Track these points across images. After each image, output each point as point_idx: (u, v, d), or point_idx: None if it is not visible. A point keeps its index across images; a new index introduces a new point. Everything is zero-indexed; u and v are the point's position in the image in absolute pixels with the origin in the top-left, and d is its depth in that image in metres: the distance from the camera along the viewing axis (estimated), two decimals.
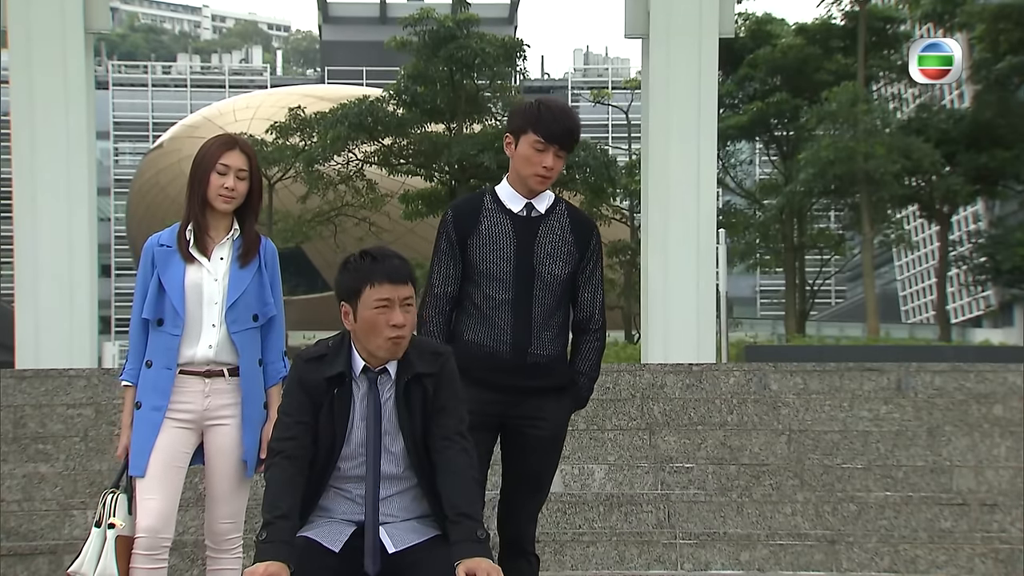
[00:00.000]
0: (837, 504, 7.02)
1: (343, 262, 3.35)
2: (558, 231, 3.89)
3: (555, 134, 3.80)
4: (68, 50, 11.77)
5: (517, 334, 3.82)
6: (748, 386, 8.51)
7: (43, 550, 6.50)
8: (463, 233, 3.87)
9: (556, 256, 3.87)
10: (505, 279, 3.83)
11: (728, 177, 33.18)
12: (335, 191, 28.96)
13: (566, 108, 3.91)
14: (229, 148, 3.94)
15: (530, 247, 3.84)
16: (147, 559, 3.77)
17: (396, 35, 28.30)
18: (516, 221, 3.87)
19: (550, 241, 3.87)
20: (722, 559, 6.71)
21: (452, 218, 3.91)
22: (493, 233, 3.85)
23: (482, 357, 3.81)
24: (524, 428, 3.89)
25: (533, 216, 3.88)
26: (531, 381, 3.85)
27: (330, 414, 3.29)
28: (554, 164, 3.82)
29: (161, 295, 3.89)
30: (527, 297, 3.83)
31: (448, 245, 3.89)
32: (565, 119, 3.83)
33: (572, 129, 3.84)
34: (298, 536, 3.20)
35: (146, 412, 3.86)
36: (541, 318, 3.85)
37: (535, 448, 3.92)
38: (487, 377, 3.80)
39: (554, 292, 3.87)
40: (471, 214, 3.89)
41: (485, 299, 3.84)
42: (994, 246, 31.86)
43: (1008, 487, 7.29)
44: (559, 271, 3.87)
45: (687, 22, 12.09)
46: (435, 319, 3.90)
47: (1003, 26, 28.43)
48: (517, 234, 3.85)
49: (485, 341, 3.83)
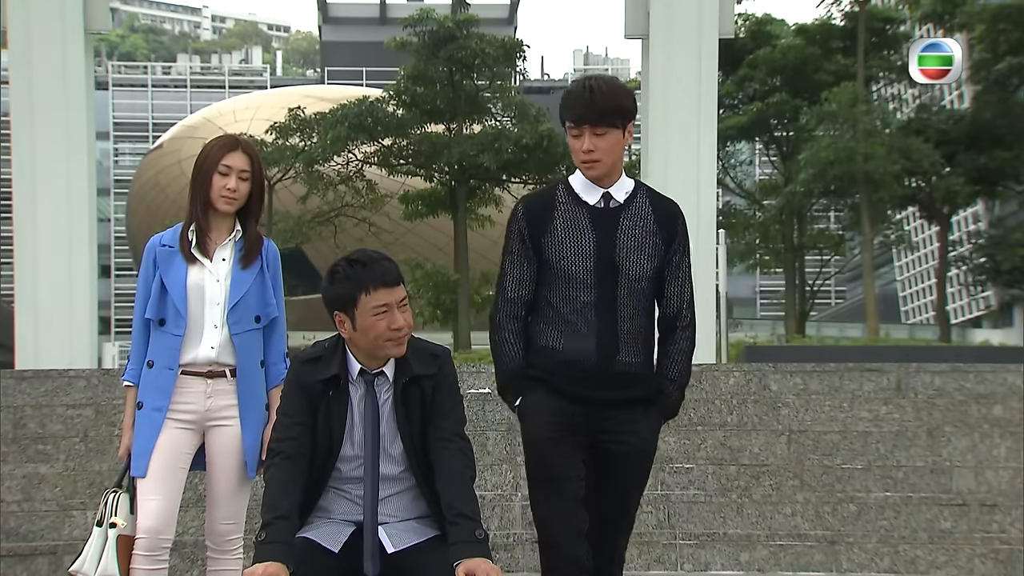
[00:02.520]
0: (837, 504, 7.03)
1: (330, 271, 3.28)
2: (641, 221, 3.52)
3: (580, 114, 3.44)
4: (68, 50, 11.78)
5: (603, 340, 3.46)
6: (748, 386, 8.51)
7: (43, 550, 6.50)
8: (536, 230, 3.52)
9: (641, 249, 3.50)
10: (587, 278, 3.47)
11: (728, 177, 33.17)
12: (335, 191, 28.96)
13: (596, 81, 3.48)
14: (231, 149, 3.93)
15: (611, 241, 3.48)
16: (147, 560, 3.77)
17: (396, 36, 28.29)
18: (594, 213, 3.51)
19: (633, 233, 3.51)
20: (722, 559, 6.71)
21: (523, 214, 3.55)
22: (570, 228, 3.49)
23: (564, 365, 3.47)
24: (610, 444, 3.52)
25: (612, 207, 3.52)
26: (618, 392, 3.48)
27: (327, 416, 3.29)
28: (595, 145, 3.44)
29: (163, 295, 3.89)
30: (612, 297, 3.47)
31: (521, 244, 3.54)
32: (592, 93, 3.44)
33: (595, 102, 3.42)
34: (298, 537, 3.20)
35: (147, 412, 3.86)
36: (629, 321, 3.49)
37: (621, 466, 3.54)
38: (569, 388, 3.47)
39: (641, 290, 3.51)
40: (544, 209, 3.54)
41: (565, 302, 3.49)
42: (994, 246, 31.85)
43: (1008, 487, 7.29)
44: (645, 266, 3.50)
45: (687, 22, 12.12)
46: (510, 325, 3.57)
47: (1003, 26, 28.43)
48: (596, 228, 3.49)
49: (567, 348, 3.48)
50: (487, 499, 6.90)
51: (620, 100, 3.46)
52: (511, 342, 3.57)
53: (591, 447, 3.53)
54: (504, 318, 3.59)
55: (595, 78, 3.51)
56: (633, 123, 3.54)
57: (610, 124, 3.44)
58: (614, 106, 3.44)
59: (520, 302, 3.57)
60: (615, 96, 3.45)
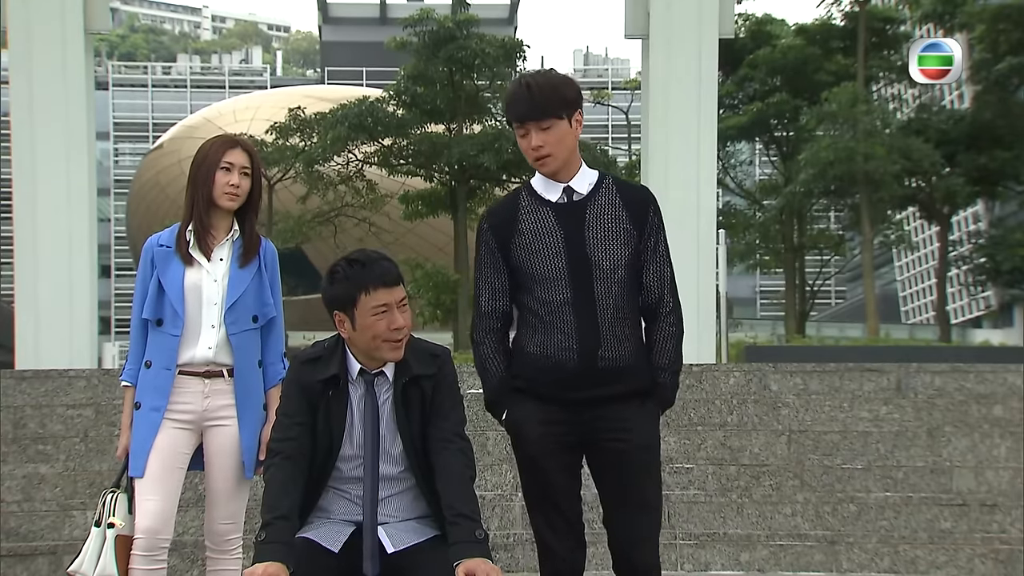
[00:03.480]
0: (837, 505, 7.02)
1: (330, 271, 3.28)
2: (609, 210, 3.41)
3: (522, 112, 3.36)
4: (68, 50, 11.79)
5: (584, 337, 3.34)
6: (748, 386, 8.50)
7: (43, 550, 6.50)
8: (503, 238, 3.43)
9: (612, 239, 3.38)
10: (560, 277, 3.36)
11: (728, 177, 33.20)
12: (335, 191, 28.99)
13: (533, 77, 3.41)
14: (232, 146, 3.94)
15: (580, 235, 3.37)
16: (145, 560, 3.77)
17: (396, 36, 28.32)
18: (558, 210, 3.41)
19: (602, 223, 3.39)
20: (722, 560, 6.71)
21: (488, 225, 3.48)
22: (536, 229, 3.40)
23: (548, 369, 3.37)
24: (608, 443, 3.40)
25: (576, 200, 3.42)
26: (604, 389, 3.37)
27: (327, 416, 3.29)
28: (543, 140, 3.35)
29: (161, 295, 3.89)
30: (588, 293, 3.35)
31: (489, 255, 3.47)
32: (529, 90, 3.36)
33: (533, 97, 3.34)
34: (297, 537, 3.20)
35: (145, 412, 3.86)
36: (609, 314, 3.36)
37: (624, 463, 3.41)
38: (555, 392, 3.38)
39: (618, 281, 3.38)
40: (508, 216, 3.46)
41: (542, 304, 3.38)
42: (994, 246, 31.87)
43: (1008, 488, 7.29)
44: (618, 255, 3.38)
45: (687, 22, 12.12)
46: (487, 339, 3.50)
47: (1003, 27, 28.45)
48: (562, 224, 3.39)
49: (550, 351, 3.37)
50: (487, 499, 6.90)
51: (560, 91, 3.37)
52: (490, 357, 3.49)
53: (589, 449, 3.44)
54: (480, 333, 3.52)
55: (531, 75, 3.44)
56: (581, 111, 3.44)
57: (553, 116, 3.35)
58: (554, 98, 3.35)
59: (495, 315, 3.49)
60: (553, 88, 3.37)
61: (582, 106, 3.45)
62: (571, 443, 3.41)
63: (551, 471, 3.43)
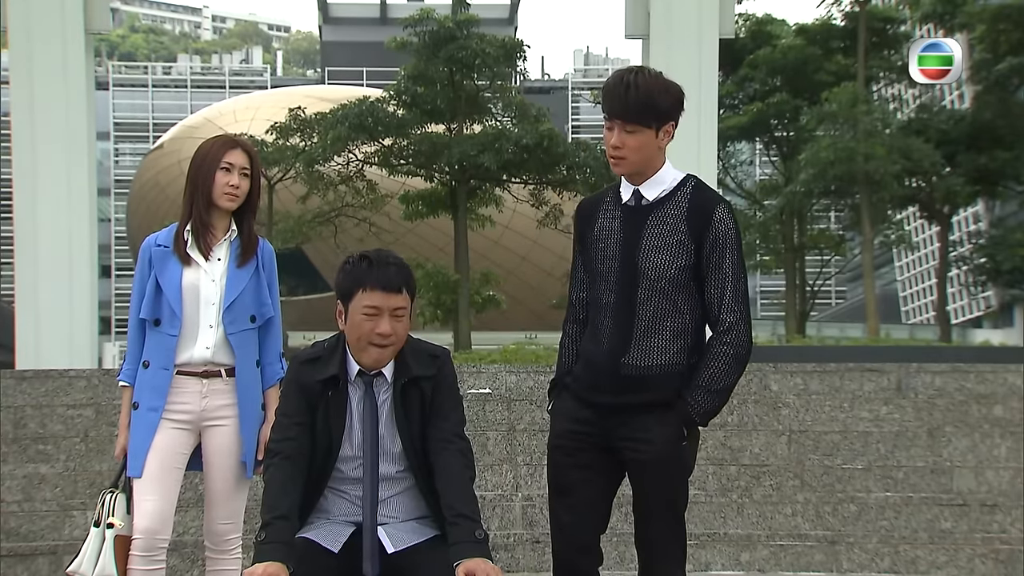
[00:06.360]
0: (837, 505, 7.02)
1: (344, 261, 3.32)
2: (670, 220, 3.32)
3: (612, 108, 3.30)
4: (68, 51, 11.80)
5: (613, 341, 3.32)
6: (748, 386, 8.50)
7: (43, 550, 6.51)
8: (582, 231, 3.46)
9: (663, 248, 3.30)
10: (609, 279, 3.35)
11: (728, 177, 33.18)
12: (335, 192, 28.94)
13: (636, 76, 3.30)
14: (232, 147, 3.94)
15: (636, 240, 3.32)
16: (144, 560, 3.76)
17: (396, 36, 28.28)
18: (626, 212, 3.38)
19: (658, 231, 3.32)
20: (722, 559, 6.71)
21: (576, 216, 3.51)
22: (604, 228, 3.39)
23: (585, 370, 3.39)
24: (625, 451, 3.35)
25: (643, 205, 3.36)
26: (626, 397, 3.31)
27: (326, 416, 3.28)
28: (622, 142, 3.29)
29: (158, 295, 3.88)
30: (630, 299, 3.31)
31: (578, 245, 3.49)
32: (627, 89, 3.27)
33: (628, 98, 3.26)
34: (297, 537, 3.19)
35: (143, 412, 3.85)
36: (646, 323, 3.30)
37: (640, 474, 3.37)
38: (587, 394, 3.37)
39: (663, 292, 3.30)
40: (592, 209, 3.46)
41: (593, 304, 3.42)
42: (994, 246, 31.84)
43: (1008, 488, 7.29)
44: (666, 266, 3.29)
45: (687, 22, 12.13)
46: (567, 328, 3.54)
47: (1003, 27, 28.42)
48: (625, 227, 3.35)
49: (590, 352, 3.39)
50: (487, 499, 6.90)
51: (655, 100, 3.28)
52: (565, 346, 3.54)
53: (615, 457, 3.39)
54: (565, 322, 3.57)
55: (637, 72, 3.32)
56: (674, 124, 3.36)
57: (641, 123, 3.28)
58: (648, 105, 3.27)
59: (579, 305, 3.51)
60: (649, 95, 3.28)
61: (678, 117, 3.37)
62: (597, 445, 3.38)
63: (567, 466, 3.43)
